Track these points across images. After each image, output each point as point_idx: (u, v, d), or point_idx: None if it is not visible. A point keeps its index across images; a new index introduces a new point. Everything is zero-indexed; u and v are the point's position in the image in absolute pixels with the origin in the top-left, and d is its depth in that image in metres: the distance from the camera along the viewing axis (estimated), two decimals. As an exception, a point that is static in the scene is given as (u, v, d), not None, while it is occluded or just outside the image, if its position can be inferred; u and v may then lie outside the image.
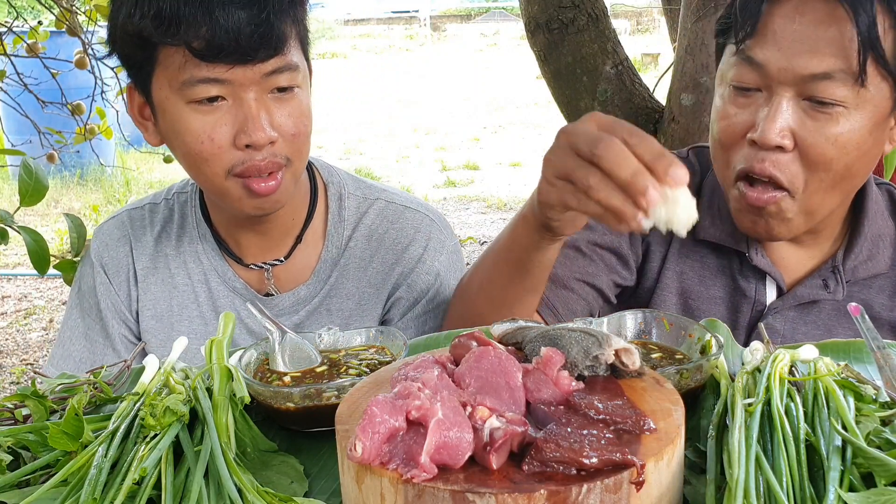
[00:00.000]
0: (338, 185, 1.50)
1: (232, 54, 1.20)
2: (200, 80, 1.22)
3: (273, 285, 1.46)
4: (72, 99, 3.09)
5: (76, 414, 0.84)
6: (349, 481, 0.70)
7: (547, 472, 0.65)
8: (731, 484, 0.69)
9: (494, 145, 9.85)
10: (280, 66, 1.24)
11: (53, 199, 7.39)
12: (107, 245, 1.51)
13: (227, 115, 1.24)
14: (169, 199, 1.53)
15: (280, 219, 1.43)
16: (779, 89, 1.18)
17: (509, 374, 0.74)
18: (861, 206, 1.35)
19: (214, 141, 1.24)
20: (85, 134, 3.08)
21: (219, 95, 1.24)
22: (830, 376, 0.81)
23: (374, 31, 24.96)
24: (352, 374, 0.97)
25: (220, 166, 1.26)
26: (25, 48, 3.01)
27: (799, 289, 1.34)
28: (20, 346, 4.63)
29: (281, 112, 1.27)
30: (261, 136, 1.23)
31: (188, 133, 1.25)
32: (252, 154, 1.25)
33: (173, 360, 0.96)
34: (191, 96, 1.23)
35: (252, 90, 1.24)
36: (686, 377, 0.89)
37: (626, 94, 2.52)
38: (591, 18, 2.51)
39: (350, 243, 1.47)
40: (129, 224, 1.52)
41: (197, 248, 1.48)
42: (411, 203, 1.51)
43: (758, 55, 1.19)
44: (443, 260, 1.47)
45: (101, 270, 1.50)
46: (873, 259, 1.35)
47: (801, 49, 1.16)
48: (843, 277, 1.33)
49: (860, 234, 1.34)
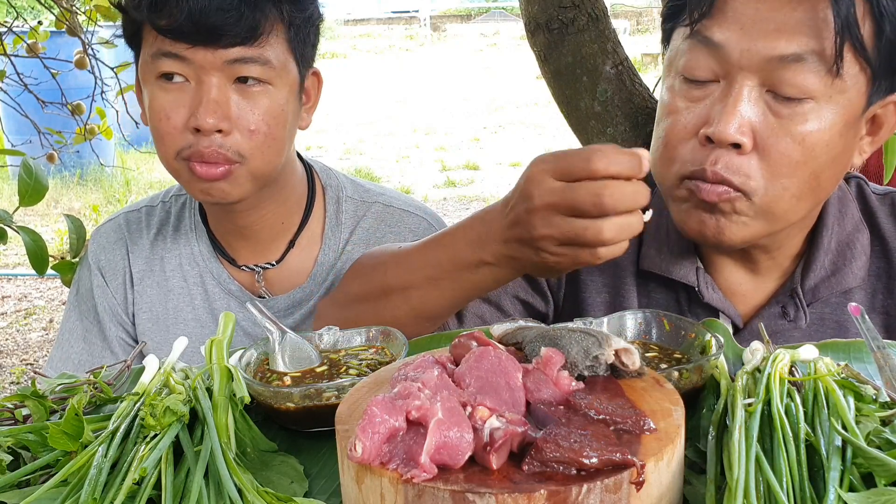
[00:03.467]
0: (336, 188, 1.50)
1: (192, 35, 1.20)
2: (164, 54, 1.24)
3: (264, 288, 1.45)
4: (72, 99, 3.09)
5: (76, 414, 0.84)
6: (349, 481, 0.70)
7: (547, 472, 0.65)
8: (731, 484, 0.69)
9: (494, 145, 9.84)
10: (247, 55, 1.23)
11: (53, 200, 7.38)
12: (104, 248, 1.51)
13: (187, 96, 1.25)
14: (166, 201, 1.53)
15: (268, 223, 1.42)
16: (739, 77, 1.01)
17: (509, 374, 0.74)
18: (822, 216, 1.17)
19: (171, 120, 1.25)
20: (85, 134, 3.08)
21: (181, 74, 1.24)
22: (830, 376, 0.81)
23: (374, 31, 24.94)
24: (352, 374, 0.97)
25: (172, 146, 1.27)
26: (25, 48, 3.01)
27: (754, 322, 1.17)
28: (20, 346, 4.63)
29: (243, 104, 1.25)
30: (208, 122, 1.22)
31: (152, 108, 1.27)
32: (199, 138, 1.24)
33: (173, 361, 0.96)
34: (157, 69, 1.25)
35: (215, 75, 1.24)
36: (686, 377, 0.89)
37: (626, 94, 2.52)
38: (591, 18, 2.51)
39: (347, 247, 1.46)
40: (126, 227, 1.52)
41: (193, 250, 1.48)
42: (409, 206, 1.51)
43: (716, 35, 1.02)
44: None
45: (98, 273, 1.50)
46: (839, 273, 1.16)
47: (768, 28, 1.00)
48: (802, 301, 1.16)
49: (819, 247, 1.16)
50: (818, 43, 0.99)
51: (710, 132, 1.02)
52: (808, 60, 0.99)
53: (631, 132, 2.54)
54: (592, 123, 2.58)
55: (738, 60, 1.02)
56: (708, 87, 1.05)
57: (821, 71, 0.99)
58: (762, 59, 1.00)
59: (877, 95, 1.05)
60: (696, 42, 1.05)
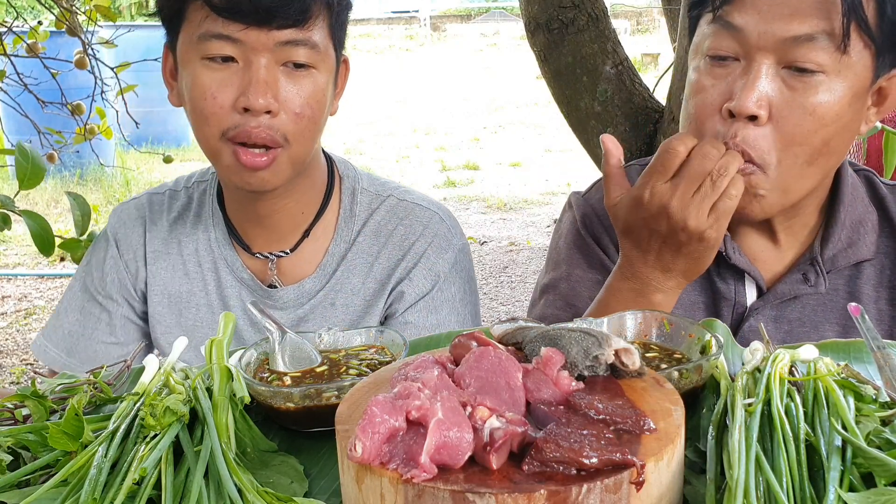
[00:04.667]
0: (352, 179, 1.50)
1: (248, 15, 1.21)
2: (214, 36, 1.23)
3: (276, 277, 1.46)
4: (72, 99, 3.08)
5: (76, 414, 0.84)
6: (349, 481, 0.70)
7: (547, 472, 0.65)
8: (731, 484, 0.69)
9: (494, 145, 9.85)
10: (297, 38, 1.25)
11: (53, 199, 7.39)
12: (123, 223, 1.53)
13: (235, 77, 1.25)
14: (189, 187, 1.54)
15: (289, 212, 1.43)
16: (758, 56, 1.14)
17: (509, 374, 0.74)
18: (837, 193, 1.31)
19: (217, 99, 1.25)
20: (85, 134, 3.08)
21: (231, 56, 1.24)
22: (830, 376, 0.81)
23: (374, 31, 24.95)
24: (352, 374, 0.97)
25: (217, 126, 1.26)
26: (25, 48, 3.01)
27: (779, 286, 1.30)
28: (20, 346, 4.63)
29: (290, 87, 1.26)
30: (259, 102, 1.23)
31: (195, 88, 1.26)
32: (248, 118, 1.24)
33: (173, 360, 0.97)
34: (205, 51, 1.25)
35: (264, 56, 1.24)
36: (686, 377, 0.89)
37: (626, 94, 2.52)
38: (591, 18, 2.51)
39: (358, 238, 1.47)
40: (148, 207, 1.54)
41: (210, 236, 1.49)
42: (422, 200, 1.51)
43: (736, 20, 1.15)
44: (448, 258, 1.46)
45: (114, 245, 1.51)
46: (854, 246, 1.30)
47: (782, 12, 1.13)
48: (822, 268, 1.29)
49: (836, 222, 1.29)
50: (828, 24, 1.11)
51: (732, 106, 1.15)
52: (819, 39, 1.11)
53: (631, 132, 2.54)
54: (592, 123, 2.58)
55: (756, 41, 1.14)
56: (730, 65, 1.18)
57: (830, 48, 1.12)
58: (778, 39, 1.13)
59: (882, 70, 1.18)
60: (719, 27, 1.18)
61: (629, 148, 2.55)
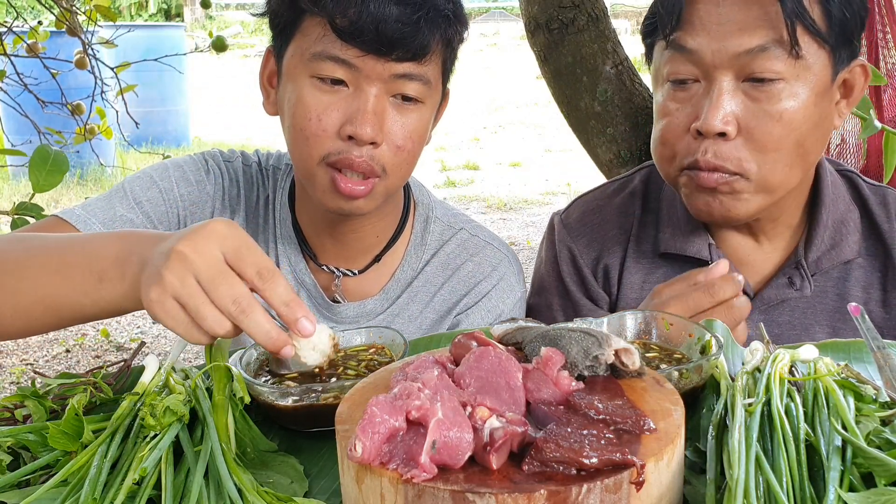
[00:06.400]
0: (426, 206, 1.48)
1: (369, 42, 1.17)
2: (330, 57, 1.20)
3: (340, 293, 1.43)
4: (72, 99, 3.08)
5: (76, 414, 0.84)
6: (349, 481, 0.70)
7: (547, 472, 0.65)
8: (731, 484, 0.69)
9: (494, 145, 9.84)
10: (412, 72, 1.22)
11: (53, 200, 7.39)
12: (212, 167, 1.44)
13: (343, 102, 1.22)
14: (266, 168, 1.48)
15: (367, 234, 1.40)
16: (717, 74, 1.17)
17: (509, 374, 0.74)
18: (817, 194, 1.33)
19: (321, 122, 1.22)
20: (85, 134, 3.08)
21: (342, 80, 1.21)
22: (830, 376, 0.81)
23: (374, 31, 24.90)
24: (351, 374, 0.97)
25: (318, 150, 1.23)
26: (25, 48, 3.00)
27: (765, 291, 1.32)
28: (20, 346, 4.63)
29: (396, 119, 1.24)
30: (366, 132, 1.20)
31: (300, 105, 1.23)
32: (351, 146, 1.22)
33: (173, 360, 0.97)
34: (316, 70, 1.21)
35: (376, 86, 1.21)
36: (686, 377, 0.89)
37: (626, 94, 2.52)
38: (591, 18, 2.51)
39: (427, 268, 1.45)
40: (236, 175, 1.46)
41: (277, 231, 1.43)
42: (493, 240, 1.50)
43: (689, 43, 1.18)
44: (509, 303, 1.44)
45: (191, 169, 1.42)
46: (837, 247, 1.31)
47: (731, 29, 1.15)
48: (807, 272, 1.31)
49: (819, 223, 1.31)
50: (776, 33, 1.14)
51: (699, 126, 1.18)
52: (771, 49, 1.15)
53: (631, 132, 2.54)
54: (592, 123, 2.58)
55: (712, 61, 1.17)
56: (691, 86, 1.21)
57: (784, 55, 1.15)
58: (732, 55, 1.16)
59: (840, 65, 1.21)
60: (673, 51, 1.21)
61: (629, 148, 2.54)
